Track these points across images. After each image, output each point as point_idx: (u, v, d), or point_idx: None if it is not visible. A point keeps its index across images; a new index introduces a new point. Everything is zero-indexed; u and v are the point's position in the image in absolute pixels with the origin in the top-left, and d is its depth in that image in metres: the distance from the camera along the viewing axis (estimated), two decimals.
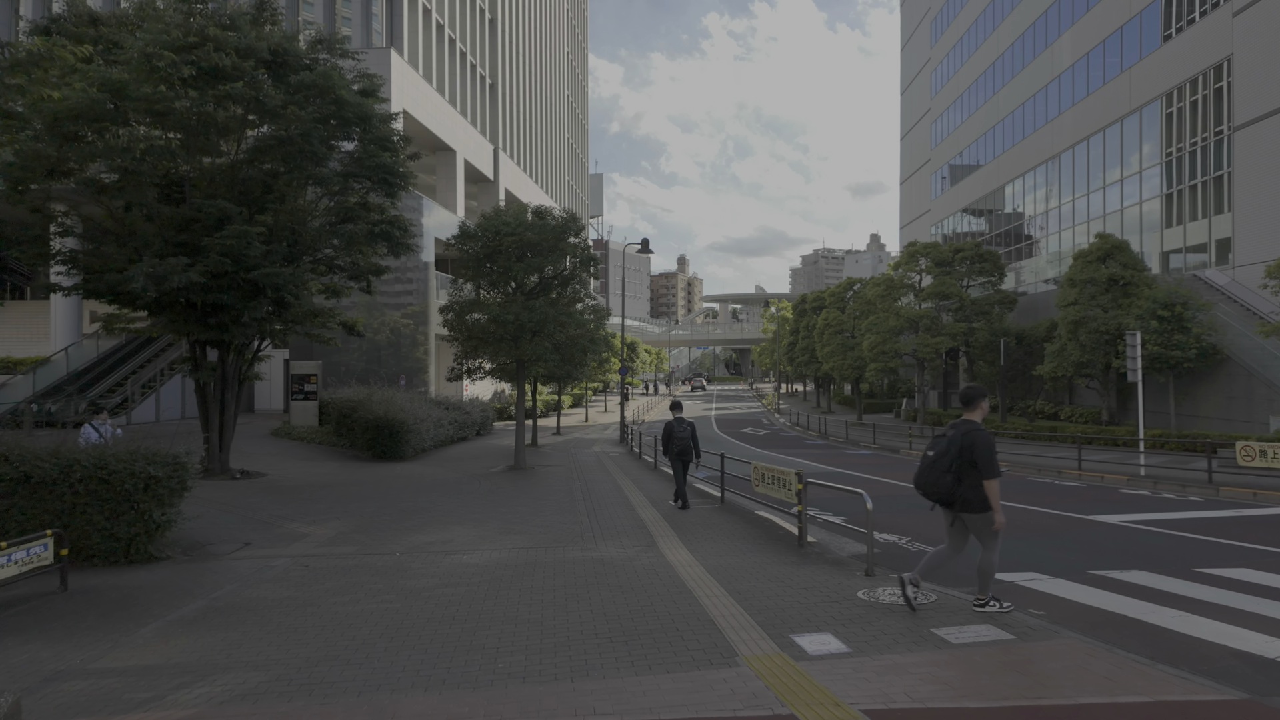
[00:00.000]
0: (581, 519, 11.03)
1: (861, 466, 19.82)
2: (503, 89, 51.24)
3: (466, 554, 8.77)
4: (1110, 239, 26.27)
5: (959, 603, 6.36)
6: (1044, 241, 41.13)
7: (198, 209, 13.51)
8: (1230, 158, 27.67)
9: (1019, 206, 44.54)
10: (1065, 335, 25.87)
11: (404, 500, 13.02)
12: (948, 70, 57.37)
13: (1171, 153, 30.70)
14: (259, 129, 14.31)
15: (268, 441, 21.86)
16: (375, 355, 32.54)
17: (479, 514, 11.60)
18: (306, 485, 14.72)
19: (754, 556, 8.49)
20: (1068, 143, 38.90)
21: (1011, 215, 45.41)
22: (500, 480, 15.99)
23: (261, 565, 8.44)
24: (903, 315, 31.72)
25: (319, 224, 15.45)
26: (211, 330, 14.30)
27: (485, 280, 18.00)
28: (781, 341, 57.10)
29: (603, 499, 13.11)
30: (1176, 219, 30.77)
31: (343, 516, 11.39)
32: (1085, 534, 10.26)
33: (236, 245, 13.13)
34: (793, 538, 9.49)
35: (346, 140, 15.08)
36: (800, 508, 9.03)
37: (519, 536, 9.74)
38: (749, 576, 7.49)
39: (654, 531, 10.00)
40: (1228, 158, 27.81)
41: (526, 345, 16.95)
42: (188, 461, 9.17)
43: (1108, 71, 36.20)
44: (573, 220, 17.45)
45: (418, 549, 9.13)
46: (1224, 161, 27.98)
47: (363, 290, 17.25)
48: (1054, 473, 18.00)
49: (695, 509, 11.91)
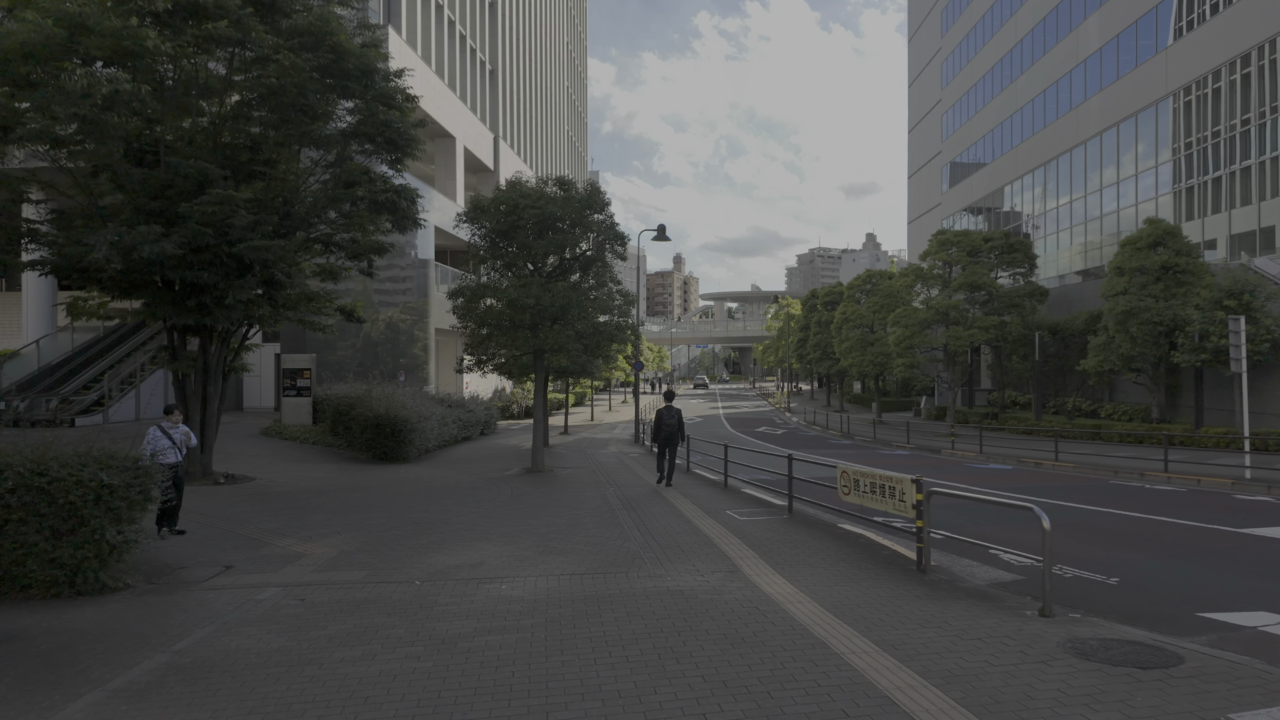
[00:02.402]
0: (631, 534, 9.21)
1: (906, 468, 18.06)
2: (503, 76, 49.37)
3: (505, 583, 6.95)
4: (1160, 224, 24.57)
5: (1223, 667, 4.56)
6: (1069, 232, 39.47)
7: (174, 171, 11.64)
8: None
9: (1041, 197, 42.89)
10: (1113, 327, 24.15)
11: (415, 509, 11.19)
12: (960, 59, 55.76)
13: (1220, 130, 29.02)
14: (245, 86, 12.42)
15: (257, 441, 19.96)
16: (371, 351, 30.66)
17: (507, 527, 9.77)
18: (300, 491, 12.87)
19: (871, 587, 6.70)
20: (1095, 129, 37.27)
21: (1033, 206, 43.75)
22: (520, 485, 14.16)
23: (245, 598, 6.61)
24: (933, 306, 29.98)
25: (314, 194, 13.60)
26: (191, 313, 12.42)
27: (499, 261, 16.15)
28: (790, 338, 55.34)
29: (646, 508, 11.30)
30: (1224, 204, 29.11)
31: (344, 530, 9.55)
32: (1267, 553, 8.48)
33: (219, 213, 11.29)
34: (903, 559, 7.71)
35: (345, 98, 13.23)
36: (921, 524, 7.25)
37: (563, 558, 7.92)
38: (887, 619, 5.70)
39: (727, 550, 8.20)
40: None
41: (547, 333, 15.11)
42: (152, 466, 7.33)
43: (1140, 53, 34.60)
44: (596, 194, 15.63)
45: (442, 575, 7.31)
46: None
47: (363, 272, 15.39)
48: (1135, 475, 16.25)
49: (761, 520, 10.11)
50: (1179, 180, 31.26)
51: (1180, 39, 31.37)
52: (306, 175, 13.75)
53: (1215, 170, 29.07)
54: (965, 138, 53.70)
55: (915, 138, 66.94)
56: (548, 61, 63.83)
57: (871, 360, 36.73)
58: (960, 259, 30.35)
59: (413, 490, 13.22)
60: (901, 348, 30.84)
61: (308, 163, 13.89)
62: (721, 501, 11.81)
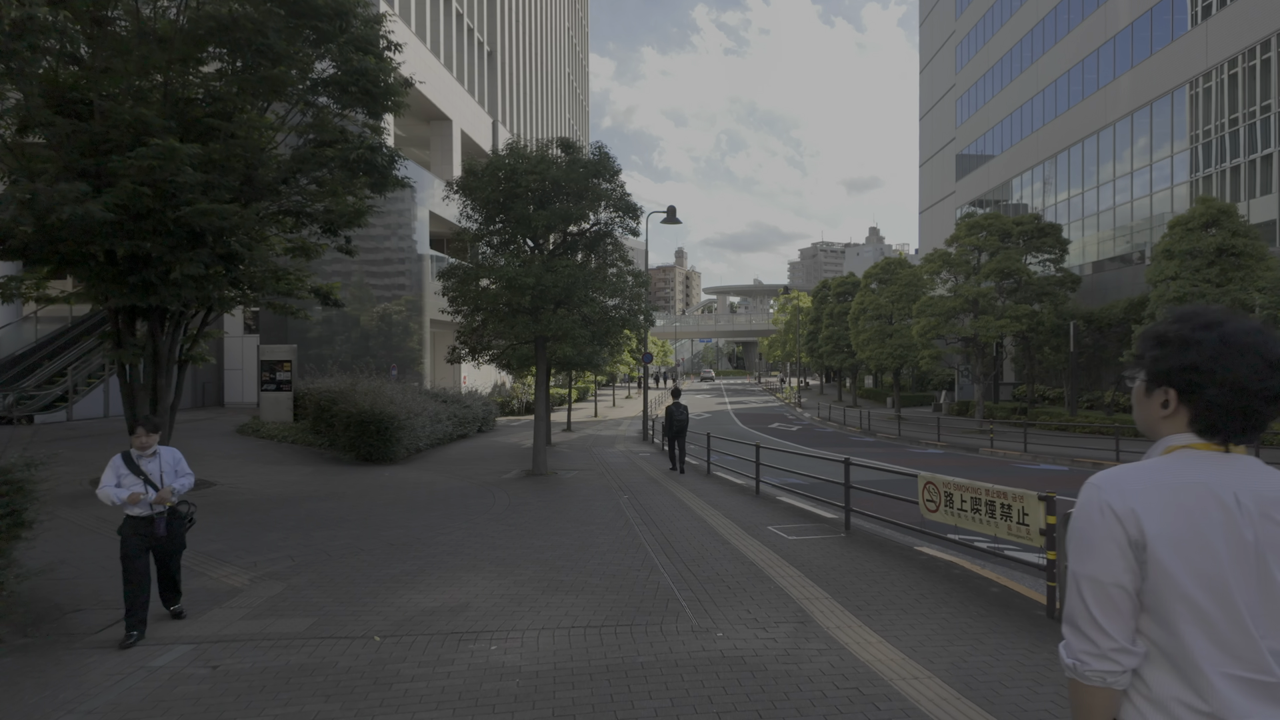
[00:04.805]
0: (658, 560, 7.36)
1: (946, 469, 16.19)
2: (502, 59, 47.46)
3: (496, 640, 5.10)
4: (1214, 202, 22.65)
5: None
6: (1097, 218, 37.53)
7: (107, 119, 9.78)
8: None
9: (1066, 182, 40.94)
10: (1161, 315, 22.20)
11: (392, 524, 9.34)
12: (975, 42, 53.79)
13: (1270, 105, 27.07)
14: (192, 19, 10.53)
15: (230, 440, 18.13)
16: (364, 344, 28.85)
17: (502, 550, 7.92)
18: (263, 501, 11.02)
19: (999, 647, 4.85)
20: (1126, 109, 35.31)
21: (1057, 191, 41.80)
22: (520, 491, 12.31)
23: (136, 663, 4.77)
24: (960, 294, 28.07)
25: (281, 158, 11.74)
26: (131, 292, 10.57)
27: (496, 238, 14.28)
28: (800, 331, 53.48)
29: (671, 522, 9.45)
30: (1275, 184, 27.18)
31: (301, 555, 7.70)
32: None
33: (159, 169, 9.43)
34: (1022, 601, 5.85)
35: (317, 44, 11.36)
36: (1054, 556, 5.40)
37: (574, 598, 6.07)
38: (1049, 707, 3.85)
39: (785, 584, 6.35)
40: None
41: (549, 319, 13.24)
42: (25, 480, 5.48)
43: (1176, 28, 32.63)
44: (606, 160, 13.73)
45: (412, 624, 5.46)
46: None
47: (341, 249, 13.51)
48: None
49: (814, 539, 8.25)
50: (1222, 160, 29.32)
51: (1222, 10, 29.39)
52: (273, 134, 11.88)
53: (1265, 148, 27.13)
54: (981, 123, 51.76)
55: (926, 125, 64.93)
56: (548, 45, 61.87)
57: (891, 352, 34.85)
58: (991, 243, 28.45)
59: (394, 499, 11.36)
60: (927, 338, 28.96)
61: (275, 121, 12.04)
62: (758, 513, 9.96)
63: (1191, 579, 1.32)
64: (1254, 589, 1.33)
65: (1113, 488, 1.39)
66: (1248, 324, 1.41)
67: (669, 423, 14.97)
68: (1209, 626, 1.32)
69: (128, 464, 5.35)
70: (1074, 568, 1.42)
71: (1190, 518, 1.34)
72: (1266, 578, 1.33)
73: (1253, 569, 1.33)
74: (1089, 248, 37.93)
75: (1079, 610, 1.40)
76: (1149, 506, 1.35)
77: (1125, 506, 1.37)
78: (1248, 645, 1.31)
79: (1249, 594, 1.32)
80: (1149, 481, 1.38)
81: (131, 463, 5.36)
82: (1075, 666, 1.40)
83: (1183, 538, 1.33)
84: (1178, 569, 1.33)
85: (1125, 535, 1.36)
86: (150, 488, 5.33)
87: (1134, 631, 1.38)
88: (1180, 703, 1.34)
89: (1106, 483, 1.40)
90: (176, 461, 5.57)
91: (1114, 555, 1.36)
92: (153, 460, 5.44)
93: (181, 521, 5.60)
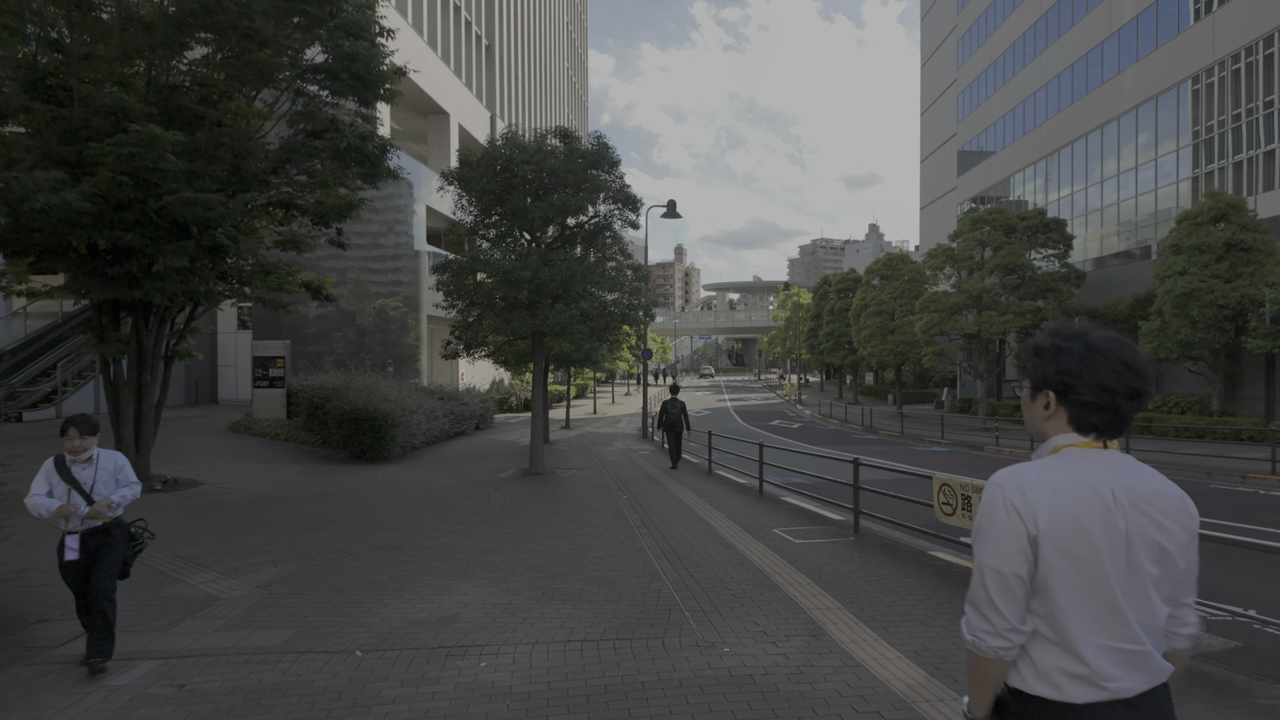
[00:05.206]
0: (659, 565, 7.01)
1: (952, 469, 15.85)
2: (500, 53, 47.02)
3: (486, 656, 4.74)
4: (1223, 196, 22.30)
5: None
6: (1101, 213, 37.17)
7: (86, 105, 9.41)
8: None
9: (1070, 177, 40.58)
10: (1169, 311, 21.91)
11: (382, 526, 8.99)
12: (978, 36, 53.37)
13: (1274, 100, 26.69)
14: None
15: (222, 438, 17.78)
16: (360, 341, 28.49)
17: (496, 554, 7.57)
18: (250, 501, 10.67)
19: None
20: (1129, 104, 34.93)
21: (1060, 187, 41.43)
22: (516, 491, 11.96)
23: (95, 685, 4.41)
24: (964, 290, 27.70)
25: (270, 148, 11.36)
26: (112, 285, 10.21)
27: (492, 231, 13.91)
28: (801, 328, 53.13)
29: (672, 524, 9.10)
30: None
31: (285, 559, 7.35)
32: None
33: (140, 156, 9.06)
34: None
35: (306, 29, 10.98)
36: None
37: (570, 607, 5.72)
38: None
39: (794, 592, 6.00)
40: None
41: (546, 314, 12.88)
42: None
43: (1181, 21, 32.25)
44: (605, 150, 13.36)
45: (398, 637, 5.11)
46: None
47: (333, 242, 13.13)
48: (1235, 477, 14.06)
49: (823, 543, 7.90)
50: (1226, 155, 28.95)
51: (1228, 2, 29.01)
52: (261, 122, 11.50)
53: (1271, 143, 26.75)
54: (983, 118, 51.36)
55: (928, 121, 64.51)
56: (547, 40, 61.40)
57: (893, 349, 34.50)
58: (995, 238, 28.09)
59: (385, 499, 11.01)
60: (930, 335, 28.61)
61: (263, 107, 11.66)
62: (762, 515, 9.61)
63: (1074, 566, 1.52)
64: (1124, 572, 1.54)
65: (1013, 488, 1.57)
66: (1107, 334, 1.65)
67: (663, 416, 15.50)
68: (1087, 605, 1.53)
69: (60, 470, 4.56)
70: (979, 558, 1.60)
71: (1075, 513, 1.54)
72: (1134, 563, 1.54)
73: (1124, 555, 1.54)
74: (1091, 244, 37.58)
75: (981, 595, 1.59)
76: (1042, 504, 1.53)
77: (1024, 504, 1.54)
78: (1118, 621, 1.53)
79: (1121, 577, 1.54)
80: (1041, 481, 1.56)
81: (65, 469, 4.57)
82: (974, 643, 1.61)
83: (1069, 530, 1.52)
84: (1064, 558, 1.53)
85: (1025, 531, 1.54)
86: (84, 500, 4.51)
87: (1025, 613, 1.57)
88: (1059, 670, 1.55)
89: (1008, 483, 1.58)
90: (118, 469, 4.70)
91: (1014, 549, 1.54)
92: (88, 467, 4.59)
93: (125, 544, 4.73)
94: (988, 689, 1.64)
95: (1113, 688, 1.54)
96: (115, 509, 4.60)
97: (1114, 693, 1.55)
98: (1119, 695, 1.55)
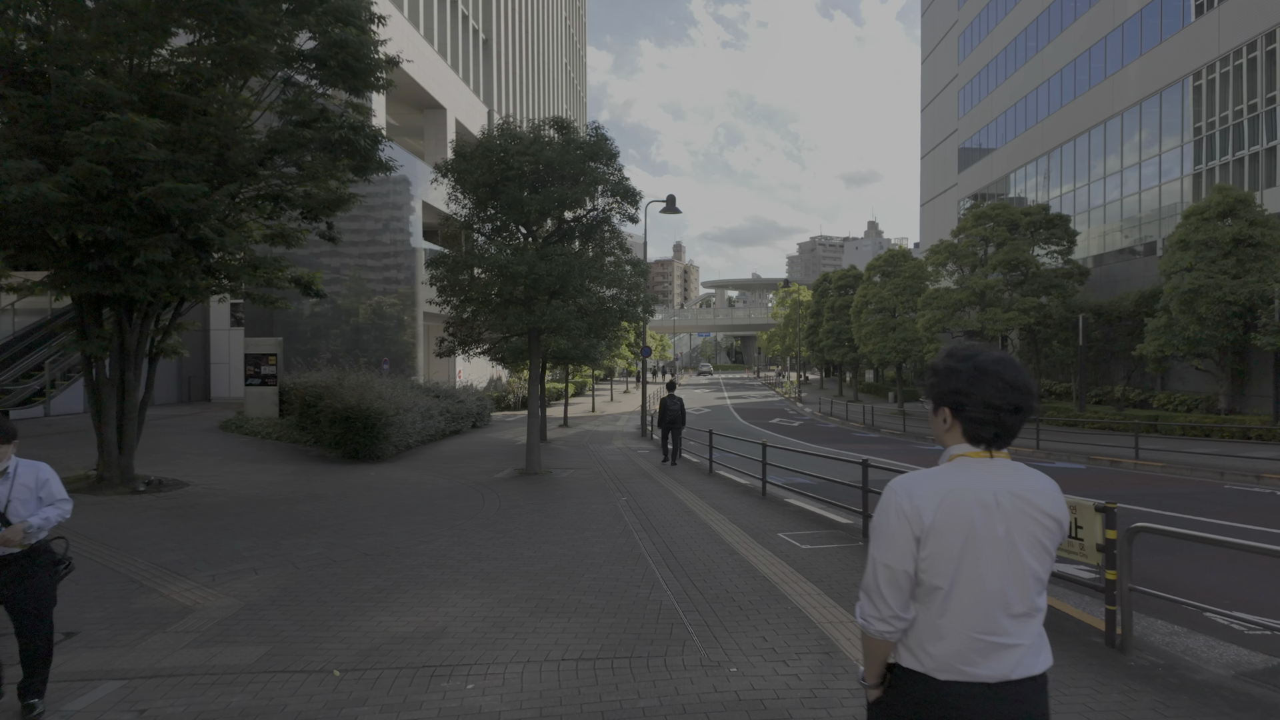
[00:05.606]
0: (659, 573, 6.66)
1: None
2: (498, 47, 46.59)
3: (473, 677, 4.39)
4: (1231, 191, 21.97)
5: None
6: (1104, 209, 36.82)
7: (63, 92, 9.04)
8: None
9: (1072, 173, 40.22)
10: (1176, 307, 21.57)
11: (371, 530, 8.64)
12: (979, 31, 52.95)
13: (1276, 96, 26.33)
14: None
15: (212, 437, 17.43)
16: (356, 338, 28.13)
17: (488, 562, 7.22)
18: (236, 503, 10.32)
19: (1059, 684, 4.17)
20: (1134, 98, 34.56)
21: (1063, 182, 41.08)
22: (512, 492, 11.61)
23: (49, 709, 4.06)
24: (967, 287, 27.36)
25: (256, 138, 10.98)
26: (92, 279, 9.85)
27: (488, 225, 13.55)
28: (801, 325, 52.78)
29: (673, 528, 8.76)
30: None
31: (266, 566, 7.00)
32: None
33: (118, 145, 8.70)
34: (1072, 625, 5.18)
35: (293, 17, 10.60)
36: (1113, 576, 4.72)
37: (565, 620, 5.37)
38: None
39: (802, 603, 5.66)
40: None
41: (543, 309, 12.53)
42: None
43: (1186, 14, 31.87)
44: (603, 142, 13.00)
45: (379, 654, 4.76)
46: None
47: (323, 236, 12.77)
48: (1250, 477, 13.72)
49: (830, 549, 7.55)
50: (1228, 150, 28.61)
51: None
52: (248, 111, 11.12)
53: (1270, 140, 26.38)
54: (984, 114, 50.98)
55: (928, 117, 64.14)
56: (545, 35, 60.96)
57: (894, 346, 34.16)
58: (998, 234, 27.74)
59: (376, 501, 10.66)
60: (932, 332, 28.27)
61: (250, 96, 11.28)
62: (766, 518, 9.27)
63: (952, 566, 1.68)
64: (1006, 569, 1.69)
65: (905, 494, 1.73)
66: (995, 355, 1.79)
67: (662, 415, 15.73)
68: (961, 601, 1.69)
69: None
70: (872, 552, 1.77)
71: (956, 517, 1.69)
72: (1017, 559, 1.70)
73: (1005, 553, 1.69)
74: (1093, 240, 37.25)
75: (872, 585, 1.76)
76: (928, 508, 1.69)
77: (913, 509, 1.71)
78: (987, 615, 1.69)
79: (1001, 574, 1.69)
80: (930, 488, 1.72)
81: None
82: (864, 625, 1.79)
83: (950, 534, 1.68)
84: (944, 559, 1.69)
85: (912, 532, 1.71)
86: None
87: (909, 602, 1.74)
88: (928, 652, 1.72)
89: (902, 489, 1.75)
90: (41, 484, 3.88)
91: (903, 548, 1.71)
92: (2, 482, 3.79)
93: (44, 570, 3.95)
94: (877, 662, 1.83)
95: (971, 672, 1.70)
96: (35, 533, 3.77)
97: (972, 676, 1.70)
98: (978, 679, 1.70)
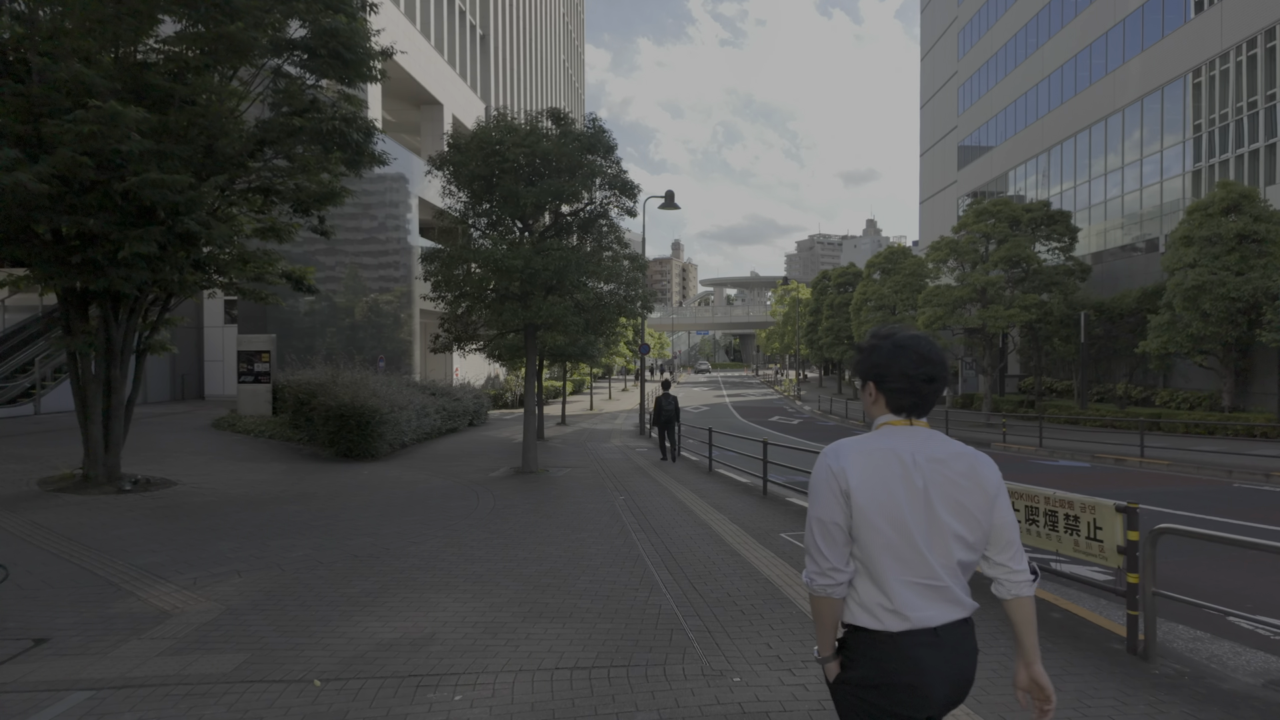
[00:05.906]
0: (659, 576, 6.43)
1: None
2: (495, 44, 46.30)
3: (462, 688, 4.16)
4: (1235, 186, 21.76)
5: None
6: (1104, 206, 36.60)
7: (45, 80, 8.79)
8: None
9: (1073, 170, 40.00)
10: (1179, 304, 21.37)
11: (361, 531, 8.40)
12: (979, 28, 52.72)
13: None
14: None
15: (203, 435, 17.18)
16: (353, 336, 27.88)
17: (481, 564, 6.99)
18: (224, 503, 10.08)
19: (1081, 693, 3.94)
20: (1135, 94, 34.35)
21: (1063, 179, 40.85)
22: (507, 492, 11.38)
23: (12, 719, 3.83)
24: (969, 284, 27.15)
25: (245, 129, 10.72)
26: (75, 273, 9.60)
27: (482, 219, 13.31)
28: (799, 323, 52.56)
29: (672, 528, 8.53)
30: None
31: (251, 568, 6.76)
32: None
33: (101, 135, 8.45)
34: (1090, 629, 4.95)
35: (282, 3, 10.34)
36: (1136, 579, 4.49)
37: (560, 626, 5.14)
38: None
39: (805, 607, 5.43)
40: None
41: (539, 305, 12.29)
42: None
43: (1188, 10, 31.64)
44: (601, 134, 12.75)
45: (363, 663, 4.52)
46: None
47: (315, 230, 12.52)
48: (1259, 475, 13.52)
49: None
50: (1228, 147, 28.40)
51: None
52: (238, 101, 10.87)
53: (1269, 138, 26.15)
54: (984, 111, 50.76)
55: (927, 114, 63.91)
56: (543, 32, 60.67)
57: None
58: (999, 231, 27.53)
59: (368, 500, 10.42)
60: (933, 329, 28.05)
61: (240, 86, 11.02)
62: (767, 518, 9.04)
63: (879, 516, 1.84)
64: (924, 521, 1.85)
65: (833, 455, 1.92)
66: (910, 333, 1.96)
67: (657, 413, 16.21)
68: (893, 549, 1.83)
69: None
70: (810, 511, 1.94)
71: (878, 472, 1.86)
72: (932, 513, 1.85)
73: (922, 507, 1.85)
74: (1094, 237, 37.04)
75: (810, 542, 1.92)
76: (854, 466, 1.87)
77: (839, 466, 1.88)
78: (919, 561, 1.83)
79: (921, 525, 1.84)
80: (855, 449, 1.90)
81: None
82: (809, 583, 1.93)
83: (873, 486, 1.85)
84: (870, 509, 1.84)
85: (839, 487, 1.87)
86: None
87: (848, 557, 1.89)
88: (878, 605, 1.86)
89: (831, 452, 1.93)
90: None
91: (832, 502, 1.87)
92: None
93: None
94: (827, 629, 1.92)
95: (916, 617, 1.81)
96: None
97: (918, 622, 1.82)
98: (923, 624, 1.82)
